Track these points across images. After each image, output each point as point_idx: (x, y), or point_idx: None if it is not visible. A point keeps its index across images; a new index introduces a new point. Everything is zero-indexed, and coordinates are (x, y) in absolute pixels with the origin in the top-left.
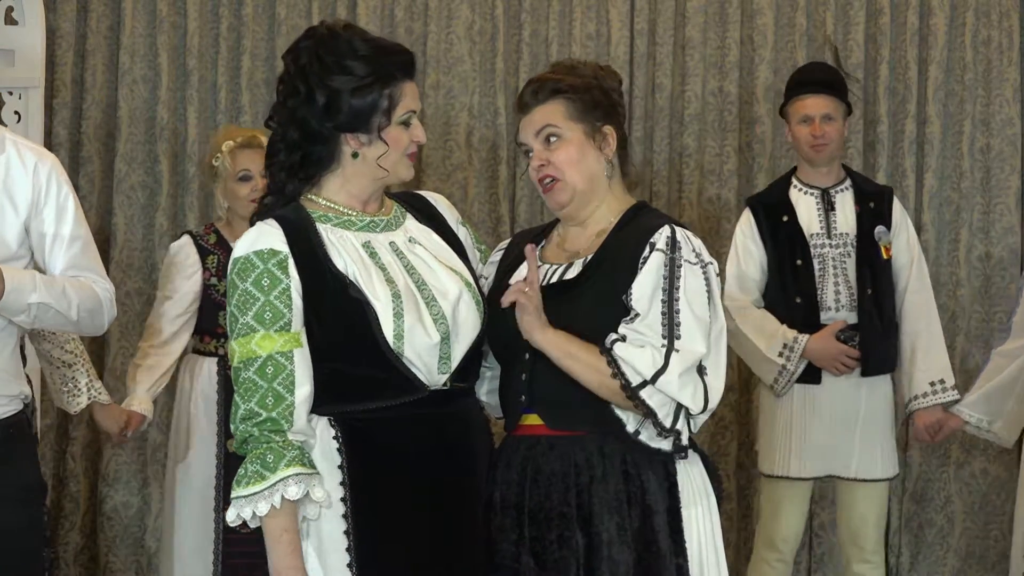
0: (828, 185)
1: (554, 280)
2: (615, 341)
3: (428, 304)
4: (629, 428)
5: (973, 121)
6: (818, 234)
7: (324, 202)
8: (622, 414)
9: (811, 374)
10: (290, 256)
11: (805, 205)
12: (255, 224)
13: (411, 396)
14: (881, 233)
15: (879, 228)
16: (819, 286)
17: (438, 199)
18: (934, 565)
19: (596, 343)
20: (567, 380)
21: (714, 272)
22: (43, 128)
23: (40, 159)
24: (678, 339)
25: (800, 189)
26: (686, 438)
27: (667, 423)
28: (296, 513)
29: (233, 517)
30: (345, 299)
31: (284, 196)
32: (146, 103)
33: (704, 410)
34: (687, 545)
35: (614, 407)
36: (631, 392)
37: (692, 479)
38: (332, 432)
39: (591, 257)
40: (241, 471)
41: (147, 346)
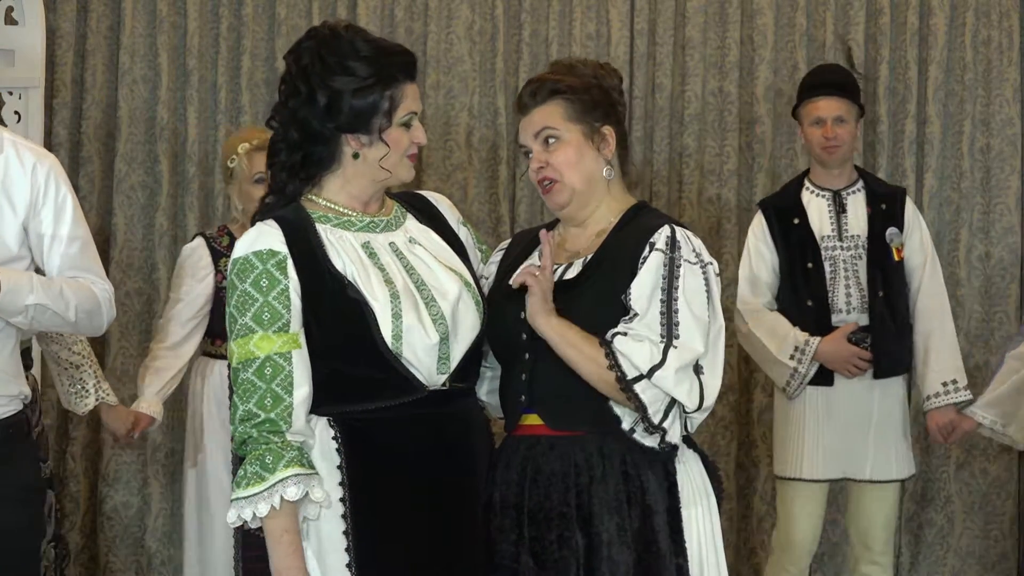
0: (840, 187)
1: (554, 280)
2: (616, 335)
3: (427, 304)
4: (625, 426)
5: (973, 121)
6: (829, 236)
7: (324, 202)
8: (620, 411)
9: (823, 377)
10: (289, 257)
11: (816, 207)
12: (255, 224)
13: (410, 396)
14: (893, 235)
15: (891, 230)
16: (830, 289)
17: (440, 199)
18: (934, 565)
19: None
20: (567, 380)
21: (714, 272)
22: (43, 128)
23: (39, 159)
24: (676, 338)
25: (812, 191)
26: (676, 436)
27: (655, 419)
28: (296, 513)
29: (233, 518)
30: (344, 300)
31: (285, 196)
32: (146, 103)
33: (700, 408)
34: (687, 545)
35: (612, 404)
36: (625, 384)
37: (692, 479)
38: (331, 432)
39: (591, 257)
40: (240, 472)
41: (157, 347)
